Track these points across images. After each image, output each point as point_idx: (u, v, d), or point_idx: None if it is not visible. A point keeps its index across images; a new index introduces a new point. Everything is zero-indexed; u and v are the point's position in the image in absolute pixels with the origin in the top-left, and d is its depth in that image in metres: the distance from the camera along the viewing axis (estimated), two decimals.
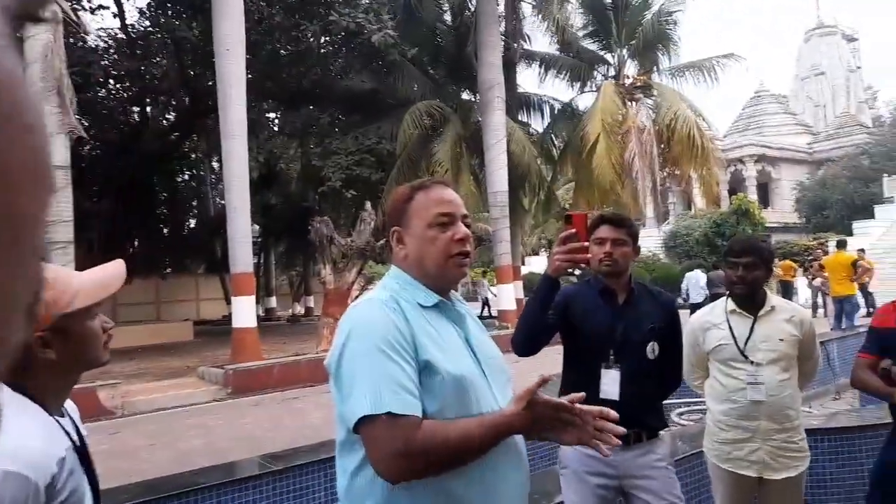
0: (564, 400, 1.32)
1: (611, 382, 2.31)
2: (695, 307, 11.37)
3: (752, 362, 2.59)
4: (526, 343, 2.30)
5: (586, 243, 2.09)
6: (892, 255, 18.46)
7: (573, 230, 2.06)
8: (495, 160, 14.34)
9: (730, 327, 2.62)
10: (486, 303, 21.05)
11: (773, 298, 2.72)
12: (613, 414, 1.32)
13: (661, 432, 2.44)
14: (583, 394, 1.33)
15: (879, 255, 15.62)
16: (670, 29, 17.17)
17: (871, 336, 2.62)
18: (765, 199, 37.84)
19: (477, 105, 16.43)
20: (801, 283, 17.23)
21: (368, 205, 11.92)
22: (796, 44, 48.56)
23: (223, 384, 9.66)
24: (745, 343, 2.61)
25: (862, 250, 14.98)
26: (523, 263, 21.62)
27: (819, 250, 16.58)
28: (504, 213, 14.54)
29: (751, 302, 2.67)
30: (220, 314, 23.40)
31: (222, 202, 19.73)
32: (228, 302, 17.31)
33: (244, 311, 10.67)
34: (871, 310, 12.21)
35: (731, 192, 30.59)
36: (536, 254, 32.68)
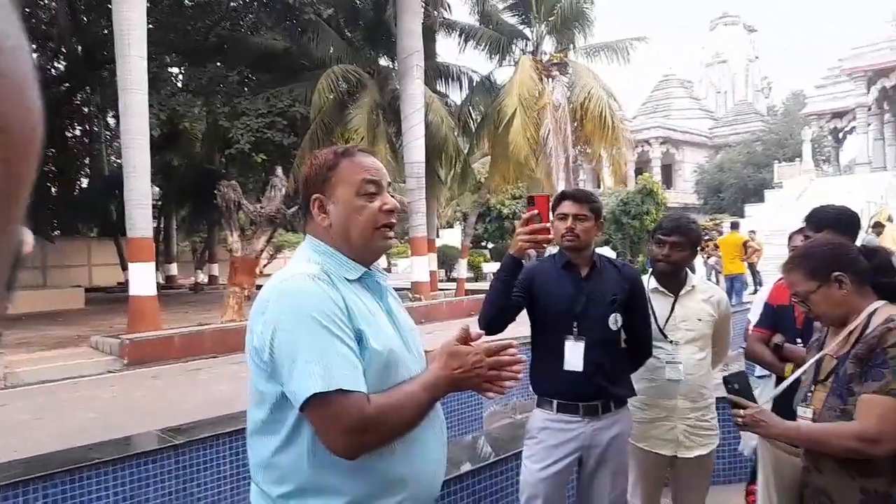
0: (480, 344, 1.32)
1: (575, 354, 2.33)
2: None
3: (670, 341, 2.62)
4: (493, 321, 2.34)
5: (548, 224, 2.14)
6: (778, 237, 19.84)
7: (535, 211, 2.12)
8: (413, 130, 14.14)
9: (651, 306, 2.62)
10: None
11: (694, 278, 2.75)
12: (512, 348, 1.33)
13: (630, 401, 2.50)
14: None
15: (767, 236, 16.75)
16: (587, 7, 17.40)
17: (767, 312, 2.73)
18: (668, 180, 39.81)
19: (395, 72, 16.08)
20: (698, 261, 18.25)
21: (279, 170, 11.44)
22: (703, 31, 50.91)
23: (119, 355, 9.09)
24: (666, 322, 2.64)
25: (753, 232, 16.03)
26: (438, 236, 21.68)
27: (714, 231, 17.58)
28: (420, 185, 14.42)
29: (673, 281, 2.69)
30: (115, 281, 22.07)
31: (118, 161, 18.43)
32: (124, 268, 16.31)
33: (142, 278, 10.05)
34: (758, 287, 13.11)
35: (638, 172, 31.88)
36: (451, 226, 32.85)
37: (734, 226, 14.56)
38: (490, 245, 25.44)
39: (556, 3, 17.34)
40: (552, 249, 2.67)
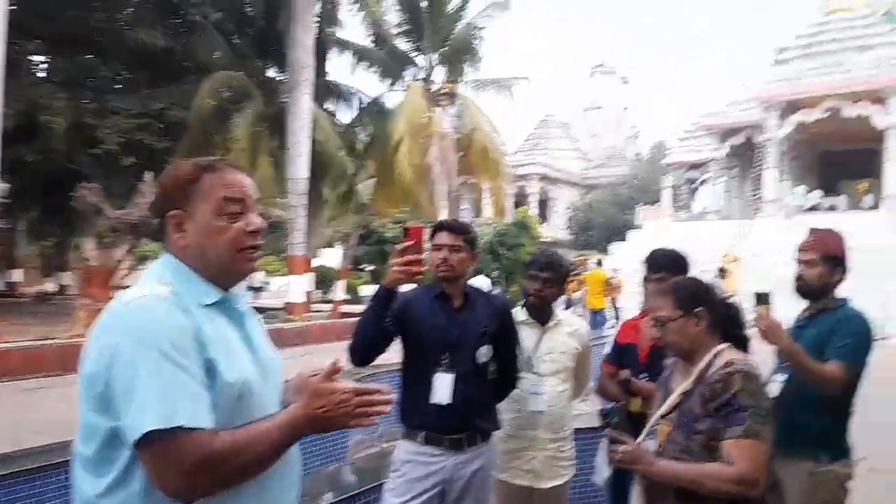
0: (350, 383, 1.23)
1: (443, 386, 2.33)
2: None
3: (536, 373, 2.70)
4: (363, 352, 2.31)
5: (422, 256, 2.14)
6: (638, 275, 21.28)
7: (411, 242, 2.12)
8: (298, 145, 13.86)
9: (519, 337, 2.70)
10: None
11: (560, 312, 2.88)
12: (382, 392, 1.25)
13: (495, 433, 2.51)
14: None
15: (629, 274, 17.91)
16: (477, 43, 18.08)
17: (614, 348, 2.91)
18: (544, 215, 41.68)
19: (283, 85, 15.74)
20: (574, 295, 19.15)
21: (150, 176, 10.76)
22: (583, 78, 54.44)
23: None
24: (532, 354, 2.73)
25: (615, 269, 17.13)
26: (316, 255, 21.24)
27: (581, 266, 18.60)
28: (302, 202, 14.12)
29: (541, 314, 2.80)
30: None
31: None
32: None
33: None
34: (617, 322, 14.00)
35: (517, 205, 33.16)
36: (331, 246, 32.32)
37: (598, 263, 15.50)
38: (370, 268, 25.26)
39: (449, 34, 17.86)
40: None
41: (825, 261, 2.55)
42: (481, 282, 13.85)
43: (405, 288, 2.33)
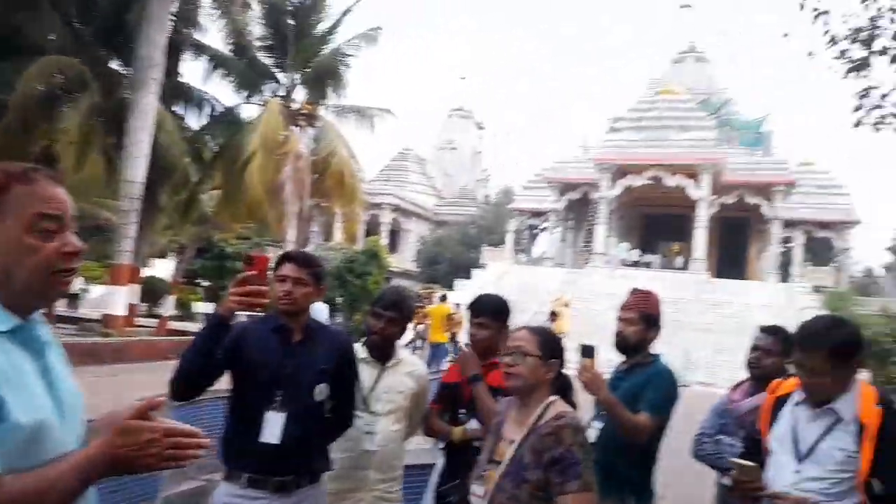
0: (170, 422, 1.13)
1: (274, 425, 2.20)
2: None
3: (371, 412, 2.66)
4: (187, 385, 2.13)
5: (265, 287, 2.02)
6: None
7: (254, 272, 2.01)
8: (137, 146, 12.84)
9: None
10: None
11: (400, 351, 2.85)
12: (204, 441, 1.16)
13: (324, 475, 2.40)
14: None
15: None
16: (343, 69, 18.04)
17: (441, 390, 2.95)
18: (394, 246, 42.11)
19: (127, 80, 14.57)
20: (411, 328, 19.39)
21: None
22: (441, 117, 56.32)
23: None
24: (370, 393, 2.68)
25: (457, 305, 17.64)
26: (146, 265, 19.64)
27: (427, 299, 18.95)
28: (135, 207, 13.03)
29: (382, 352, 2.76)
30: None
31: None
32: None
33: None
34: (455, 356, 14.37)
35: (368, 233, 33.18)
36: (164, 257, 30.09)
37: (443, 298, 15.89)
38: (206, 283, 23.81)
39: (314, 56, 17.68)
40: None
41: (643, 319, 2.82)
42: (320, 308, 13.52)
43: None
